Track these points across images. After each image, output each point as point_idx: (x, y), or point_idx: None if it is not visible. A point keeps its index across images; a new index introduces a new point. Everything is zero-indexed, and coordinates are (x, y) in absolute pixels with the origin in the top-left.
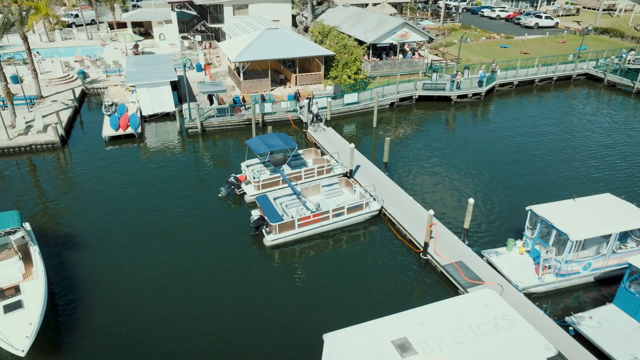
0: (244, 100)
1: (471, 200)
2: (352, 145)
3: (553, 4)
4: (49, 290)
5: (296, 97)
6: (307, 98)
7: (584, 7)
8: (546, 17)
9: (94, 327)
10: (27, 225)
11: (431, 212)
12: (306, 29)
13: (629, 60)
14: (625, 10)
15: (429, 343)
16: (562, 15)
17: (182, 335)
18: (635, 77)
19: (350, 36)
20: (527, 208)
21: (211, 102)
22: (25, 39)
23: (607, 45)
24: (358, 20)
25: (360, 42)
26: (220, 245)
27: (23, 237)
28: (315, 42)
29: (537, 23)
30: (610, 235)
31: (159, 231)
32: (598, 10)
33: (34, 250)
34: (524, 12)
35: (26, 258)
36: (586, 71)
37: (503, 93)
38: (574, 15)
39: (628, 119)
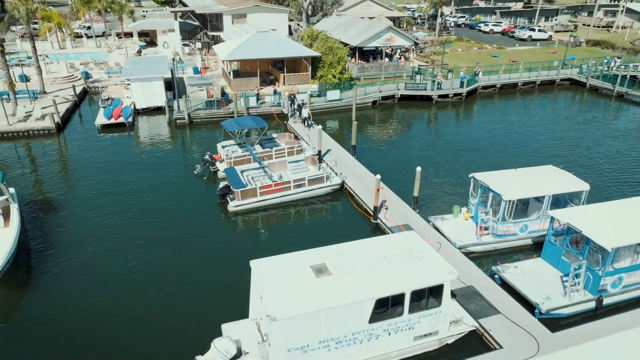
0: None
1: (418, 169)
2: (320, 126)
3: (551, 20)
4: (25, 240)
5: (291, 98)
6: (301, 103)
7: (583, 24)
8: (539, 30)
9: (62, 269)
10: (11, 189)
11: (378, 176)
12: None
13: (612, 67)
14: (623, 27)
15: (344, 268)
16: (559, 31)
17: (139, 274)
18: (615, 82)
19: (342, 42)
20: (470, 175)
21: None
22: (31, 37)
23: (598, 56)
24: (348, 27)
25: (350, 47)
26: (187, 210)
27: (7, 199)
28: (305, 45)
29: (531, 36)
30: (543, 197)
31: (133, 200)
32: (595, 26)
33: (14, 207)
34: (518, 25)
35: (7, 216)
36: (570, 76)
37: (486, 95)
38: (571, 31)
39: (598, 115)
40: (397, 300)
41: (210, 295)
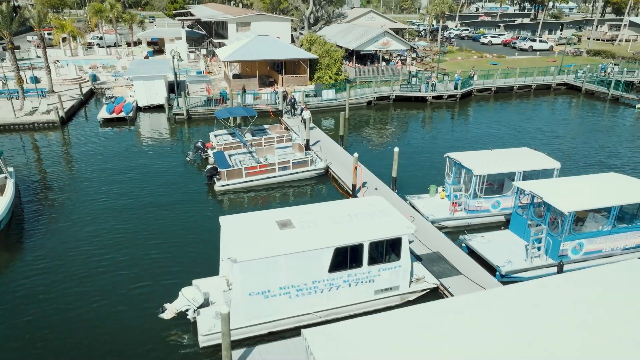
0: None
1: (396, 149)
2: (309, 116)
3: (555, 33)
4: (21, 213)
5: (291, 101)
6: (303, 106)
7: (588, 38)
8: (540, 41)
9: (54, 236)
10: (10, 169)
11: (356, 155)
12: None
13: (608, 72)
14: (627, 40)
15: (308, 223)
16: (563, 44)
17: (123, 240)
18: (609, 86)
19: (338, 46)
20: (445, 155)
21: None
22: (41, 38)
23: (596, 63)
24: (347, 33)
25: (347, 51)
26: (176, 190)
27: (5, 177)
28: (304, 49)
29: (532, 46)
30: (514, 173)
31: (126, 181)
32: (599, 39)
33: (10, 182)
34: (520, 37)
35: (4, 191)
36: (566, 81)
37: (481, 98)
38: (575, 44)
39: (590, 114)
40: (356, 250)
41: (186, 256)
